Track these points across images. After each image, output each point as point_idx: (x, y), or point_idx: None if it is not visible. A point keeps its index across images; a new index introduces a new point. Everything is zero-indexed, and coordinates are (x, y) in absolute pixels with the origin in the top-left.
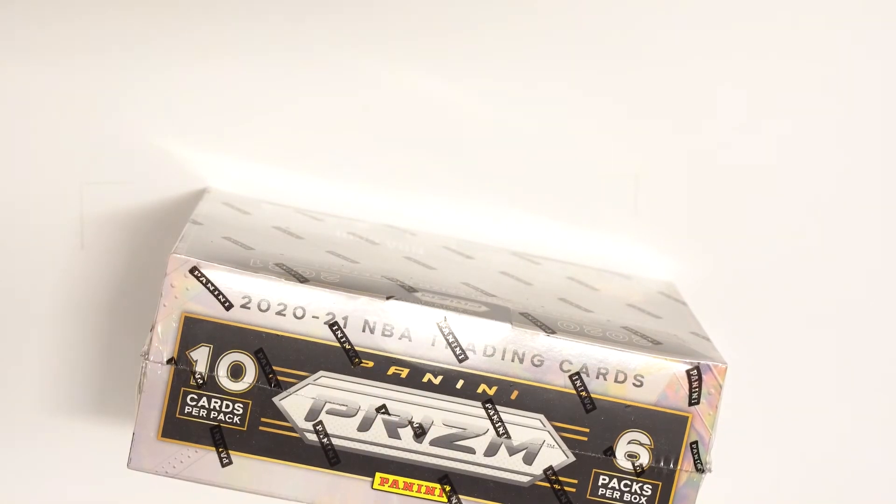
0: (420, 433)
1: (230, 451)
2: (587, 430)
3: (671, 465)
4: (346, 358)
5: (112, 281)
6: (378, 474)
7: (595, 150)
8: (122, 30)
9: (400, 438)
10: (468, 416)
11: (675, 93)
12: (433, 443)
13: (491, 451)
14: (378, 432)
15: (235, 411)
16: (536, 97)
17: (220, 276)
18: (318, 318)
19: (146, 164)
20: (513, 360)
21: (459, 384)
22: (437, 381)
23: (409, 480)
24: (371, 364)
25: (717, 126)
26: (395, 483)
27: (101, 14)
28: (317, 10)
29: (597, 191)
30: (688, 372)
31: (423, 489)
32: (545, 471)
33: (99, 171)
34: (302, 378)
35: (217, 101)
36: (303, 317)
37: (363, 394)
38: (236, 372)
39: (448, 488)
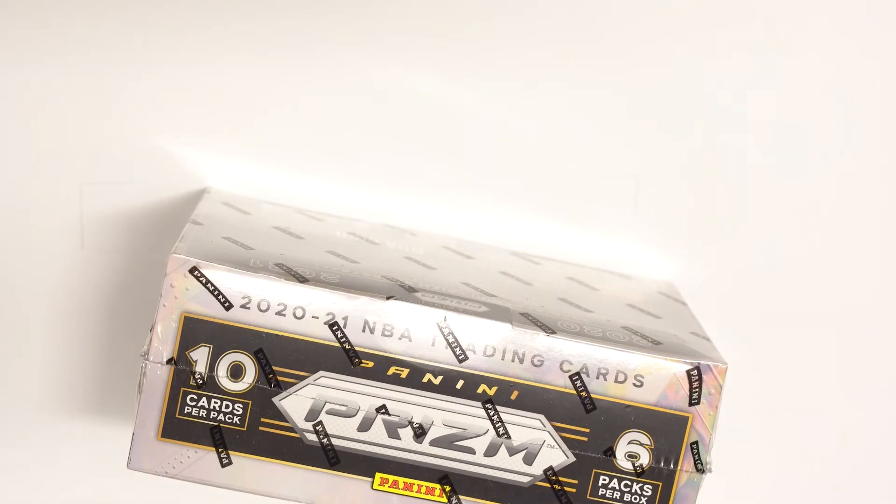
0: (420, 433)
1: (230, 452)
2: (587, 430)
3: (671, 466)
4: (345, 358)
5: (112, 281)
6: (378, 474)
7: (595, 149)
8: (123, 30)
9: (400, 438)
10: (468, 416)
11: (675, 93)
12: (433, 443)
13: (491, 451)
14: (378, 432)
15: (235, 411)
16: (537, 97)
17: (220, 277)
18: (317, 318)
19: (146, 164)
20: (513, 361)
21: (459, 384)
22: (437, 381)
23: (409, 480)
24: (371, 364)
25: (718, 126)
26: (395, 483)
27: (100, 14)
28: (317, 9)
29: (597, 191)
30: (688, 372)
31: (423, 489)
32: (545, 471)
33: (99, 171)
34: (302, 378)
35: (217, 100)
36: (303, 317)
37: (363, 394)
38: (236, 372)
39: (448, 488)
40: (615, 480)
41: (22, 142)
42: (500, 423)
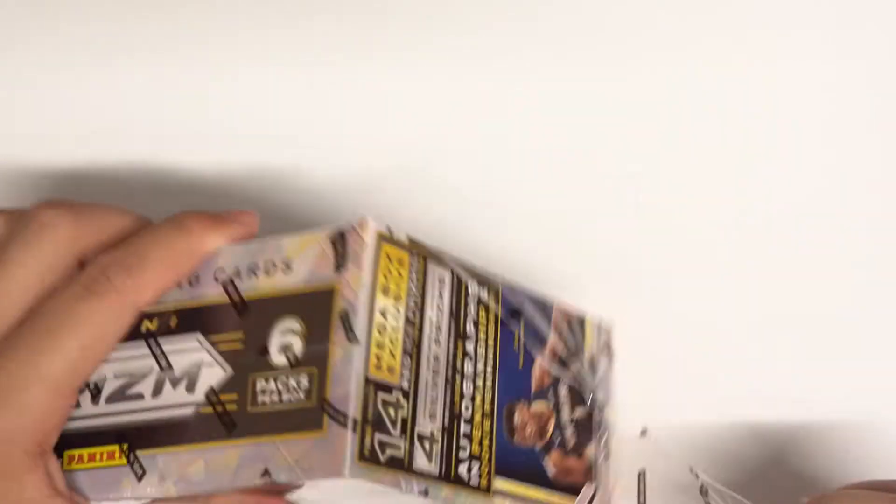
0: (96, 393)
1: None
2: (242, 335)
3: (324, 344)
4: None
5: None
6: (66, 453)
7: (595, 149)
8: (123, 30)
9: (80, 406)
10: (135, 359)
11: (675, 93)
12: (108, 400)
13: (157, 390)
14: None
15: None
16: (536, 96)
17: None
18: None
19: (146, 165)
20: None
21: None
22: None
23: (91, 450)
24: None
25: (718, 126)
26: (80, 458)
27: (101, 14)
28: (317, 11)
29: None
30: (331, 239)
31: (105, 455)
32: (207, 394)
33: (99, 171)
34: None
35: (219, 101)
36: None
37: None
38: None
39: (125, 446)
40: (272, 381)
41: (21, 142)
42: (161, 356)
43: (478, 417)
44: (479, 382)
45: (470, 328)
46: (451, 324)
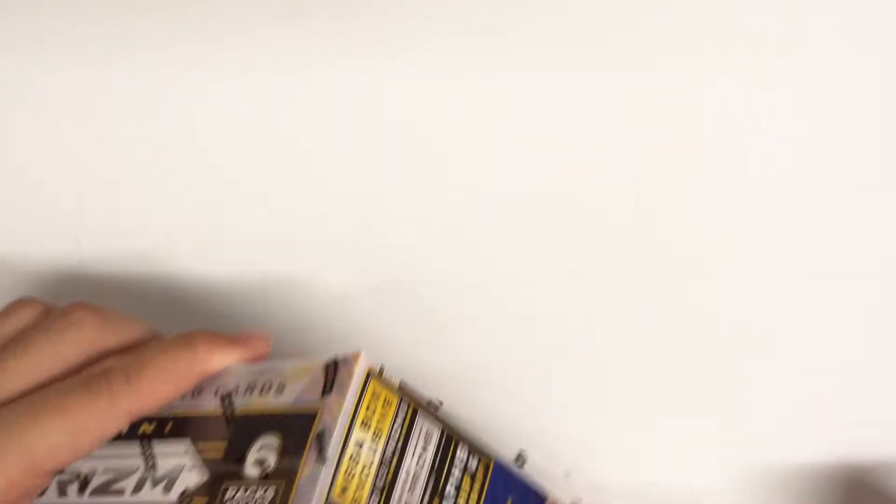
0: (84, 485)
1: None
2: (225, 443)
3: (294, 461)
4: None
5: (110, 285)
6: None
7: (594, 149)
8: (123, 30)
9: (67, 496)
10: (125, 458)
11: (676, 92)
12: (93, 492)
13: (138, 487)
14: (51, 493)
15: None
16: (534, 96)
17: None
18: None
19: (146, 166)
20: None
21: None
22: None
23: None
24: None
25: (718, 126)
26: None
27: (101, 15)
28: (315, 16)
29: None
30: (325, 366)
31: None
32: (181, 495)
33: (99, 173)
34: None
35: (219, 103)
36: None
37: None
38: None
39: None
40: (241, 490)
41: (21, 142)
42: (150, 457)
43: None
44: None
45: (450, 490)
46: (430, 479)
